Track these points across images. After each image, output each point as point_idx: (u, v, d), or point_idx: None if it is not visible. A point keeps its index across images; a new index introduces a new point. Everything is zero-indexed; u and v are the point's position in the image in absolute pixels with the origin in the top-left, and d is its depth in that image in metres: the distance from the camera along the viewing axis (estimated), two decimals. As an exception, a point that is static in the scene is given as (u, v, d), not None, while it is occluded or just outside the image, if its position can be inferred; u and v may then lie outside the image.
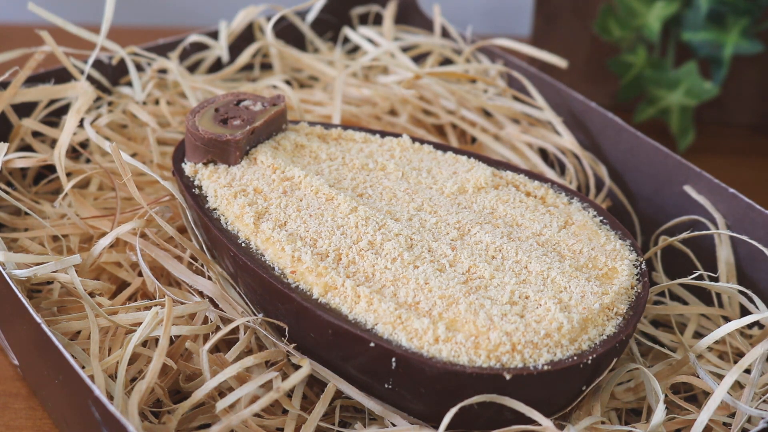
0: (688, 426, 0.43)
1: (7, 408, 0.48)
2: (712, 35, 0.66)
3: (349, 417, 0.44)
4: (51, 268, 0.45)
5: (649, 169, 0.54)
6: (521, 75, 0.61)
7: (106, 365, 0.42)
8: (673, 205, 0.53)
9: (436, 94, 0.60)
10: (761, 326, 0.49)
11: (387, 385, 0.40)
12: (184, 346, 0.44)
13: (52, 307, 0.47)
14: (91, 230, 0.50)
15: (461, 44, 0.66)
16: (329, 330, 0.40)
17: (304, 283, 0.42)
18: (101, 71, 0.59)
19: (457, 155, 0.49)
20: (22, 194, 0.54)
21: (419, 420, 0.42)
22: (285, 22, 0.67)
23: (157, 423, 0.42)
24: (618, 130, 0.56)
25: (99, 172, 0.53)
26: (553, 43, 0.73)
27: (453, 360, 0.38)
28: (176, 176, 0.47)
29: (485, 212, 0.45)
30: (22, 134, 0.55)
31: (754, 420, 0.43)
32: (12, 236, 0.50)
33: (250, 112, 0.48)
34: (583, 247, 0.44)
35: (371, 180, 0.47)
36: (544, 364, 0.38)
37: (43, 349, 0.41)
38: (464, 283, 0.41)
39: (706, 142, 0.71)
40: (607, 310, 0.41)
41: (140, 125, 0.57)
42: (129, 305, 0.45)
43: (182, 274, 0.46)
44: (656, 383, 0.42)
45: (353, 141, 0.50)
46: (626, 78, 0.68)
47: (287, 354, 0.43)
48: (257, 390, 0.40)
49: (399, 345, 0.39)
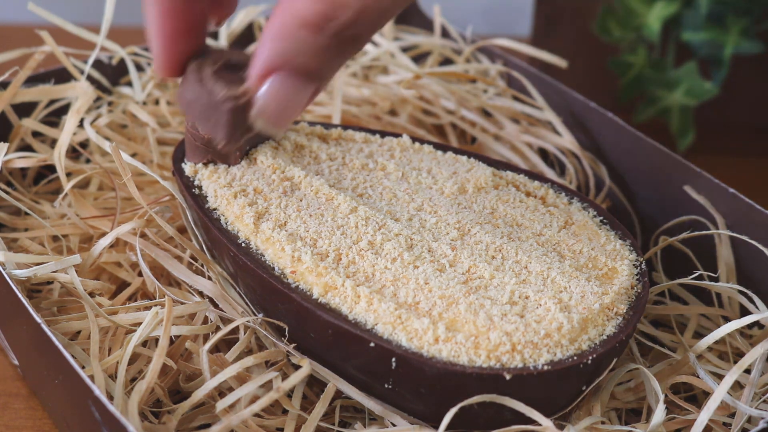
0: (688, 426, 0.43)
1: (7, 408, 0.48)
2: (712, 35, 0.66)
3: (349, 417, 0.44)
4: (51, 268, 0.45)
5: (649, 169, 0.54)
6: (521, 75, 0.61)
7: (106, 365, 0.42)
8: (673, 205, 0.53)
9: (436, 94, 0.60)
10: (761, 326, 0.49)
11: (387, 385, 0.40)
12: (184, 346, 0.44)
13: (52, 307, 0.47)
14: (91, 230, 0.50)
15: (461, 44, 0.66)
16: (329, 330, 0.40)
17: (304, 283, 0.42)
18: (101, 71, 0.59)
19: (457, 155, 0.49)
20: (22, 194, 0.54)
21: (419, 420, 0.42)
22: (285, 22, 0.67)
23: (157, 423, 0.42)
24: (618, 130, 0.56)
25: (99, 172, 0.53)
26: (553, 43, 0.73)
27: (453, 360, 0.38)
28: (176, 176, 0.47)
29: (485, 212, 0.45)
30: (22, 134, 0.55)
31: (754, 420, 0.43)
32: (12, 236, 0.50)
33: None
34: (583, 247, 0.44)
35: (371, 180, 0.47)
36: (544, 364, 0.38)
37: (43, 349, 0.41)
38: (464, 283, 0.41)
39: (706, 142, 0.71)
40: (607, 310, 0.41)
41: (140, 125, 0.57)
42: (129, 305, 0.45)
43: (182, 274, 0.46)
44: (656, 383, 0.42)
45: (353, 141, 0.50)
46: (626, 78, 0.68)
47: (287, 354, 0.43)
48: (257, 390, 0.40)
49: (399, 345, 0.39)
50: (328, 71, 0.37)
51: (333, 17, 0.34)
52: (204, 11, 0.41)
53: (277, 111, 0.37)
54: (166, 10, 0.39)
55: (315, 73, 0.37)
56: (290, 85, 0.37)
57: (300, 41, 0.35)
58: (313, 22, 0.35)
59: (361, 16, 0.35)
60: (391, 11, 0.35)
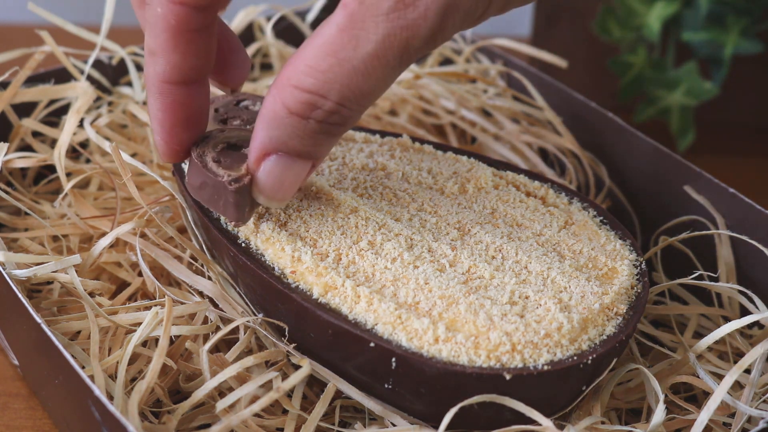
0: (688, 426, 0.43)
1: (7, 408, 0.48)
2: (712, 35, 0.66)
3: (349, 417, 0.44)
4: (51, 268, 0.45)
5: (649, 169, 0.54)
6: (521, 75, 0.61)
7: (106, 365, 0.42)
8: (673, 205, 0.53)
9: (436, 94, 0.60)
10: (761, 326, 0.49)
11: (387, 385, 0.40)
12: (184, 346, 0.44)
13: (52, 307, 0.47)
14: (91, 230, 0.50)
15: (461, 44, 0.66)
16: (329, 330, 0.40)
17: (304, 283, 0.42)
18: (101, 71, 0.59)
19: (457, 155, 0.49)
20: (22, 194, 0.54)
21: (419, 420, 0.42)
22: (285, 22, 0.67)
23: (157, 423, 0.42)
24: (618, 130, 0.56)
25: (99, 172, 0.53)
26: (553, 43, 0.73)
27: (453, 360, 0.38)
28: (176, 176, 0.47)
29: (485, 212, 0.45)
30: (22, 134, 0.55)
31: (754, 420, 0.43)
32: (12, 236, 0.50)
33: (250, 113, 0.48)
34: (583, 247, 0.44)
35: (371, 180, 0.47)
36: (544, 364, 0.38)
37: (43, 349, 0.41)
38: (464, 283, 0.41)
39: (706, 142, 0.71)
40: (607, 310, 0.41)
41: (140, 125, 0.57)
42: (129, 305, 0.45)
43: (182, 274, 0.46)
44: (656, 383, 0.42)
45: (353, 141, 0.50)
46: (626, 78, 0.68)
47: (287, 354, 0.43)
48: (257, 390, 0.40)
49: (399, 345, 0.39)
50: (320, 151, 0.39)
51: (317, 106, 0.36)
52: (205, 100, 0.42)
53: (274, 189, 0.40)
54: (167, 104, 0.41)
55: (307, 153, 0.39)
56: (284, 166, 0.39)
57: (289, 127, 0.37)
58: (298, 111, 0.37)
59: (343, 103, 0.36)
60: (374, 93, 0.37)
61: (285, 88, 0.37)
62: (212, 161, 0.42)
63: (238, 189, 0.41)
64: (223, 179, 0.41)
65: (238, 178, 0.41)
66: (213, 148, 0.43)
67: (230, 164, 0.42)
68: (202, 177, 0.42)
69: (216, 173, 0.41)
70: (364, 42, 0.35)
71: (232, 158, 0.42)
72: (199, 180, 0.42)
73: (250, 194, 0.41)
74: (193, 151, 0.43)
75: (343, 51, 0.35)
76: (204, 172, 0.42)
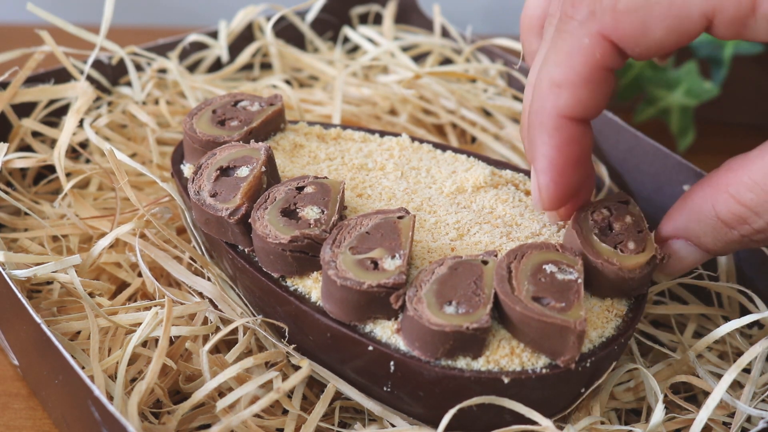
0: (687, 426, 0.43)
1: (7, 408, 0.48)
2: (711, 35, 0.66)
3: (349, 417, 0.44)
4: (51, 268, 0.45)
5: (649, 169, 0.54)
6: (521, 75, 0.61)
7: (105, 365, 0.42)
8: (673, 205, 0.53)
9: (436, 94, 0.60)
10: (761, 326, 0.49)
11: (386, 388, 0.40)
12: (183, 347, 0.44)
13: (52, 308, 0.47)
14: (90, 230, 0.50)
15: (461, 44, 0.66)
16: (328, 333, 0.40)
17: (302, 286, 0.41)
18: (101, 71, 0.59)
19: (456, 154, 0.49)
20: (22, 194, 0.54)
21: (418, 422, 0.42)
22: (285, 22, 0.67)
23: (157, 423, 0.42)
24: (618, 130, 0.56)
25: (98, 173, 0.53)
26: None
27: (451, 364, 0.38)
28: (175, 178, 0.47)
29: (484, 212, 0.45)
30: (21, 134, 0.55)
31: (753, 420, 0.43)
32: (12, 236, 0.50)
33: (248, 113, 0.48)
34: (583, 247, 0.44)
35: (370, 180, 0.47)
36: (542, 368, 0.38)
37: (43, 349, 0.41)
38: (464, 283, 0.41)
39: (706, 142, 0.71)
40: (606, 312, 0.41)
41: (140, 125, 0.57)
42: (129, 305, 0.45)
43: (182, 275, 0.46)
44: (656, 383, 0.42)
45: (352, 140, 0.50)
46: (626, 78, 0.68)
47: (287, 355, 0.43)
48: (257, 390, 0.40)
49: (397, 349, 0.39)
50: (724, 252, 0.41)
51: (747, 222, 0.38)
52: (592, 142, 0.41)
53: (674, 269, 0.42)
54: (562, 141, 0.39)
55: (714, 252, 0.41)
56: (688, 252, 0.41)
57: (710, 229, 0.39)
58: (727, 221, 0.38)
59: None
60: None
61: (721, 193, 0.38)
62: (209, 196, 0.43)
63: (237, 221, 0.42)
64: (222, 214, 0.42)
65: (234, 210, 0.42)
66: (208, 180, 0.44)
67: (226, 196, 0.43)
68: (204, 215, 0.43)
69: (215, 208, 0.42)
70: None
71: (227, 187, 0.43)
72: (203, 217, 0.43)
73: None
74: (190, 189, 0.43)
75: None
76: (204, 211, 0.43)
